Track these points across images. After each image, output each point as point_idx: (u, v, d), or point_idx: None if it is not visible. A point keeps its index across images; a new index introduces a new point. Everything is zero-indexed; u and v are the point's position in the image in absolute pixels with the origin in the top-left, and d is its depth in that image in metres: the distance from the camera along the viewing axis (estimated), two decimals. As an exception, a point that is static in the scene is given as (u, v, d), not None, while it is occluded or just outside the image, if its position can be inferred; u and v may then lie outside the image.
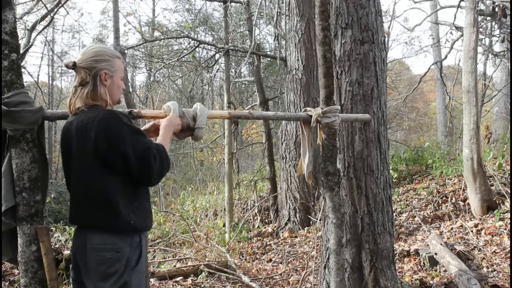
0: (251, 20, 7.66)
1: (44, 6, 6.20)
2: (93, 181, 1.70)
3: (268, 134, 7.48)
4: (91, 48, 1.81)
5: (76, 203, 1.78)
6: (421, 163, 7.73)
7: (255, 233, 6.63)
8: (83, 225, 1.77)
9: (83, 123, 1.70)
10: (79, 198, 1.76)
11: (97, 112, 1.71)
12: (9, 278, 3.49)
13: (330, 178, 2.58)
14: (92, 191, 1.70)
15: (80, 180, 1.74)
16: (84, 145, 1.69)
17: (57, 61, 19.67)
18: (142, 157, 1.67)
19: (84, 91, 1.76)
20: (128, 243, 1.72)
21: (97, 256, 1.69)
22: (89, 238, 1.71)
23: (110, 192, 1.69)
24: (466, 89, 5.39)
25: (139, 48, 10.79)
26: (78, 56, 1.80)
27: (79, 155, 1.73)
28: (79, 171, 1.74)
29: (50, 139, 19.19)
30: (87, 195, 1.72)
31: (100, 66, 1.77)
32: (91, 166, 1.69)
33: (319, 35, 2.44)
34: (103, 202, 1.69)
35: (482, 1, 7.35)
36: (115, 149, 1.65)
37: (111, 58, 1.81)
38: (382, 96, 3.24)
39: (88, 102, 1.76)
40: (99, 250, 1.69)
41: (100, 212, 1.69)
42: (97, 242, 1.70)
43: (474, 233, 4.94)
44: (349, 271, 3.12)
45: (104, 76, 1.78)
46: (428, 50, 18.22)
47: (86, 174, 1.71)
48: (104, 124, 1.66)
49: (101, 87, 1.78)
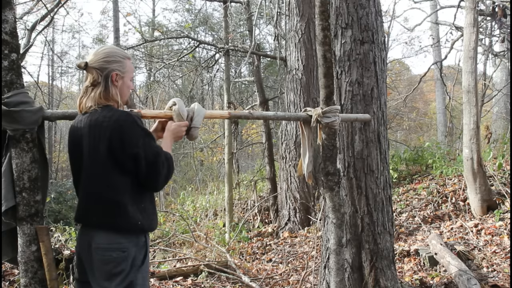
0: (251, 20, 7.66)
1: (44, 6, 6.21)
2: (103, 180, 1.70)
3: (268, 134, 7.48)
4: (102, 49, 1.83)
5: (84, 201, 1.78)
6: (421, 163, 7.73)
7: (255, 233, 6.63)
8: (90, 224, 1.77)
9: (98, 122, 1.71)
10: (88, 196, 1.76)
11: (112, 112, 1.73)
12: (9, 278, 3.49)
13: (330, 178, 2.58)
14: (101, 190, 1.71)
15: (90, 178, 1.74)
16: (98, 143, 1.70)
17: (57, 61, 19.67)
18: (152, 162, 1.71)
19: (96, 91, 1.77)
20: (134, 243, 1.73)
21: (103, 255, 1.70)
22: (95, 237, 1.71)
23: (119, 192, 1.70)
24: (466, 89, 5.39)
25: (139, 48, 10.78)
26: (90, 56, 1.81)
27: (91, 153, 1.73)
28: (89, 170, 1.74)
29: (50, 139, 19.19)
30: (96, 194, 1.73)
31: (111, 67, 1.79)
32: (102, 164, 1.70)
33: (319, 35, 2.44)
34: (112, 201, 1.70)
35: (482, 1, 7.35)
36: (128, 149, 1.68)
37: (122, 59, 1.83)
38: (382, 96, 3.24)
39: (100, 102, 1.76)
40: (105, 250, 1.70)
41: (108, 211, 1.70)
42: (103, 242, 1.70)
43: (474, 233, 4.94)
44: (349, 271, 3.12)
45: (115, 77, 1.80)
46: (428, 50, 18.22)
47: (97, 172, 1.71)
48: (120, 124, 1.69)
49: (113, 87, 1.79)
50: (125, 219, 1.70)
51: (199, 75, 10.15)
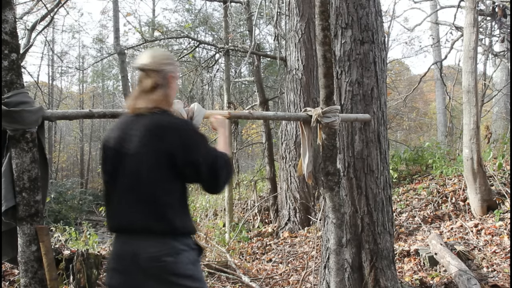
0: (251, 20, 7.66)
1: (44, 6, 6.21)
2: (157, 184, 1.64)
3: (268, 134, 7.48)
4: (158, 52, 1.84)
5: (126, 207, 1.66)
6: (421, 163, 7.73)
7: (255, 233, 6.63)
8: (135, 230, 1.64)
9: (158, 125, 1.67)
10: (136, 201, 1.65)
11: (172, 116, 1.75)
12: (9, 278, 3.48)
13: (330, 178, 2.58)
14: (155, 194, 1.64)
15: (141, 181, 1.65)
16: (156, 146, 1.64)
17: (57, 61, 19.69)
18: (213, 167, 1.68)
19: (157, 93, 1.74)
20: (186, 245, 1.68)
21: (158, 263, 1.59)
22: (142, 246, 1.61)
23: (173, 196, 1.66)
24: (466, 89, 5.39)
25: (139, 48, 10.77)
26: (146, 59, 1.78)
27: (144, 156, 1.65)
28: (141, 173, 1.65)
29: (50, 139, 19.19)
30: (148, 198, 1.64)
31: (168, 69, 1.79)
32: (157, 168, 1.64)
33: (319, 35, 2.44)
34: (165, 205, 1.64)
35: (482, 1, 7.35)
36: (188, 156, 1.65)
37: (174, 62, 1.86)
38: (382, 96, 3.24)
39: (159, 105, 1.73)
40: (159, 257, 1.59)
41: (162, 215, 1.63)
42: (155, 250, 1.60)
43: (474, 233, 4.94)
44: (349, 271, 3.11)
45: (170, 79, 1.80)
46: (428, 50, 18.23)
47: (151, 176, 1.64)
48: (183, 130, 1.68)
49: (169, 89, 1.79)
50: (177, 223, 1.65)
51: (199, 75, 10.15)
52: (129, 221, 1.65)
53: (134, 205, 1.64)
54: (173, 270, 1.60)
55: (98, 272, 3.50)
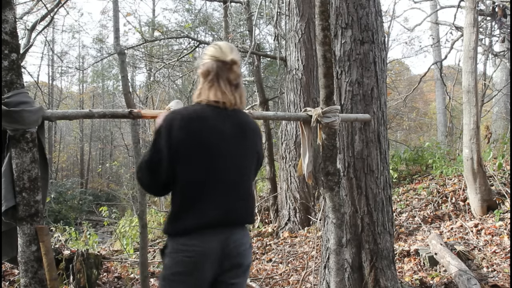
0: (251, 20, 7.66)
1: (44, 6, 6.21)
2: (251, 179, 1.79)
3: (268, 134, 7.48)
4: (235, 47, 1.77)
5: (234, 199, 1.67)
6: (421, 163, 7.73)
7: (255, 233, 6.63)
8: (230, 223, 1.66)
9: (246, 122, 1.76)
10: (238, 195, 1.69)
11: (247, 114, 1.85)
12: (9, 278, 3.48)
13: (330, 178, 2.58)
14: (250, 188, 1.77)
15: (243, 177, 1.73)
16: (252, 143, 1.77)
17: (57, 61, 19.70)
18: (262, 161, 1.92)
19: (239, 88, 1.73)
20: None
21: (250, 251, 1.75)
22: (244, 235, 1.72)
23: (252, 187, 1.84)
24: (466, 89, 5.39)
25: (139, 48, 10.79)
26: (234, 53, 1.70)
27: (243, 151, 1.73)
28: (243, 168, 1.72)
29: (50, 139, 19.20)
30: (246, 191, 1.74)
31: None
32: (251, 163, 1.78)
33: (319, 35, 2.44)
34: (254, 199, 1.80)
35: (482, 1, 7.35)
36: (260, 149, 1.85)
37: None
38: (382, 96, 3.24)
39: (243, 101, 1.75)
40: (250, 246, 1.76)
41: (252, 208, 1.78)
42: (248, 239, 1.75)
43: (474, 233, 4.94)
44: (349, 271, 3.12)
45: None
46: (428, 50, 18.23)
47: (249, 172, 1.77)
48: (258, 127, 1.85)
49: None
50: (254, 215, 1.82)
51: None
52: (239, 214, 1.69)
53: (238, 199, 1.70)
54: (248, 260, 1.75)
55: (98, 272, 3.50)
